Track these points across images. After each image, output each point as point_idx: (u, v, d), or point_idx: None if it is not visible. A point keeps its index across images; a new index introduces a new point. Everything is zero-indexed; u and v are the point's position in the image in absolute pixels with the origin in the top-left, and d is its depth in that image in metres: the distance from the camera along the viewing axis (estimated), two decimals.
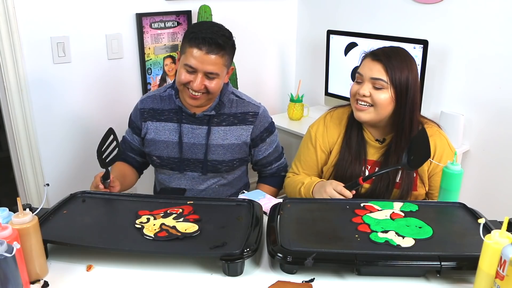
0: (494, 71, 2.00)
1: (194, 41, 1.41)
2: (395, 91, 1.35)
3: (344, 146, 1.48)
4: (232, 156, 1.59)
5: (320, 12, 2.66)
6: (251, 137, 1.59)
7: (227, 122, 1.57)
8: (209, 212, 1.22)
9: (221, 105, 1.56)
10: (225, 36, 1.44)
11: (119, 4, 2.08)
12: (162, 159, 1.60)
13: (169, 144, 1.58)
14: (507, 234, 0.88)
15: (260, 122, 1.60)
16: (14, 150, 2.00)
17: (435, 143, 1.42)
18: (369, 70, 1.37)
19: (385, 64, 1.35)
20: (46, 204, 1.29)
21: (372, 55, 1.39)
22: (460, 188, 1.28)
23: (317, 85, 2.69)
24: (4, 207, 1.04)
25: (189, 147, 1.57)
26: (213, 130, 1.56)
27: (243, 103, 1.59)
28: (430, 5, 2.15)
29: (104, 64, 2.11)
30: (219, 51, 1.42)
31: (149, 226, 1.12)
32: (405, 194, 1.42)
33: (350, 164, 1.45)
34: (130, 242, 1.07)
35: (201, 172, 1.59)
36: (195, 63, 1.42)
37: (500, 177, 2.08)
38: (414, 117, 1.39)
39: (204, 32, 1.41)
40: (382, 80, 1.35)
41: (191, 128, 1.56)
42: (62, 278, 1.01)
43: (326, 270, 1.03)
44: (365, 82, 1.38)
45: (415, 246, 1.04)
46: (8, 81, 1.87)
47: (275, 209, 1.21)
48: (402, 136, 1.40)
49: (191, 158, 1.58)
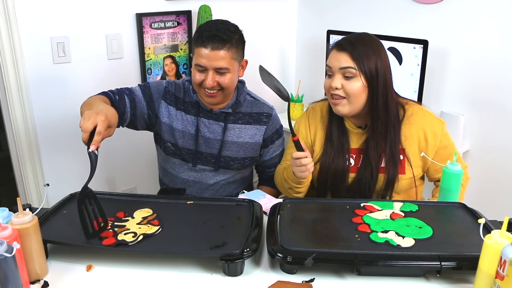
0: (494, 71, 2.00)
1: (199, 40, 1.46)
2: (365, 77, 1.35)
3: (326, 141, 1.48)
4: (244, 154, 1.63)
5: (320, 12, 2.66)
6: (263, 137, 1.64)
7: (243, 120, 1.61)
8: (209, 212, 1.22)
9: (238, 104, 1.60)
10: (229, 31, 1.47)
11: (119, 4, 2.08)
12: (177, 147, 1.61)
13: (185, 134, 1.59)
14: (507, 234, 0.88)
15: (272, 124, 1.65)
16: (14, 150, 2.00)
17: (420, 123, 1.42)
18: (336, 61, 1.38)
19: (350, 52, 1.35)
20: (46, 204, 1.28)
21: (337, 45, 1.40)
22: (460, 188, 1.28)
23: (317, 85, 2.69)
24: (4, 207, 1.05)
25: (204, 140, 1.59)
26: (229, 127, 1.59)
27: (258, 104, 1.64)
28: (430, 5, 2.15)
29: (104, 64, 2.11)
30: (224, 45, 1.45)
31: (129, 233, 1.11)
32: (392, 178, 1.40)
33: (333, 158, 1.45)
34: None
35: (213, 166, 1.62)
36: (203, 61, 1.46)
37: (500, 177, 2.08)
38: (389, 101, 1.38)
39: (208, 31, 1.45)
40: (350, 68, 1.35)
41: (208, 122, 1.59)
42: (62, 278, 1.01)
43: (326, 270, 1.03)
44: (335, 74, 1.38)
45: (415, 246, 1.04)
46: (8, 81, 1.87)
47: (275, 209, 1.21)
48: (378, 121, 1.39)
49: (205, 152, 1.60)
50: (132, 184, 2.34)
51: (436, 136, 1.42)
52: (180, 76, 2.36)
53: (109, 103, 1.44)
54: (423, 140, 1.43)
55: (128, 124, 1.57)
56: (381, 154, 1.41)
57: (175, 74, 2.34)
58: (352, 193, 1.45)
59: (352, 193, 1.45)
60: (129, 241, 1.06)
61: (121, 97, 1.51)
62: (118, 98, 1.50)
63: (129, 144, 2.23)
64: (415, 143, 1.43)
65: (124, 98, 1.52)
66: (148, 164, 2.32)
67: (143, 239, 1.08)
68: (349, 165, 1.45)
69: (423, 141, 1.43)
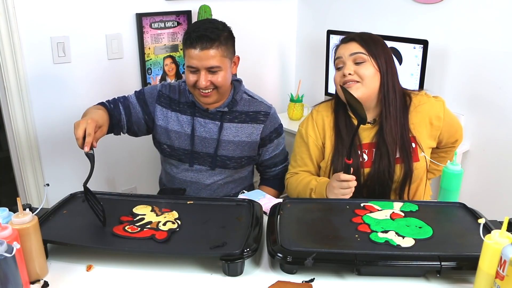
0: (494, 71, 2.00)
1: (188, 42, 1.46)
2: (376, 61, 1.39)
3: (336, 139, 1.49)
4: (241, 153, 1.62)
5: (320, 12, 2.66)
6: (261, 136, 1.63)
7: (239, 119, 1.60)
8: (209, 212, 1.22)
9: (234, 103, 1.59)
10: (217, 29, 1.47)
11: (119, 4, 2.08)
12: (173, 149, 1.62)
13: (181, 135, 1.60)
14: (507, 234, 0.88)
15: (270, 122, 1.64)
16: (14, 150, 2.00)
17: (425, 110, 1.45)
18: (346, 50, 1.42)
19: (358, 41, 1.41)
20: (46, 204, 1.28)
21: (343, 39, 1.46)
22: (460, 188, 1.28)
23: (317, 85, 2.69)
24: (4, 207, 1.05)
25: (200, 140, 1.59)
26: (225, 126, 1.59)
27: (255, 103, 1.63)
28: (430, 5, 2.15)
29: (104, 64, 2.11)
30: (213, 44, 1.45)
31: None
32: (408, 167, 1.42)
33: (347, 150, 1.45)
34: (129, 242, 1.07)
35: (209, 166, 1.62)
36: (194, 62, 1.46)
37: (500, 177, 2.08)
38: (397, 87, 1.43)
39: (196, 31, 1.45)
40: (361, 53, 1.39)
41: (204, 122, 1.59)
42: (62, 278, 1.01)
43: (326, 270, 1.03)
44: (346, 62, 1.41)
45: (415, 246, 1.04)
46: (8, 81, 1.87)
47: (275, 209, 1.21)
48: (390, 107, 1.41)
49: (201, 151, 1.61)
50: (132, 184, 2.34)
51: (439, 118, 1.46)
52: (180, 76, 2.36)
53: (104, 111, 1.50)
54: (428, 124, 1.46)
55: (127, 131, 1.62)
56: (396, 141, 1.42)
57: (175, 74, 2.34)
58: (368, 190, 1.45)
59: (368, 190, 1.45)
60: (176, 228, 1.12)
61: (115, 105, 1.58)
62: (112, 107, 1.57)
63: (129, 144, 2.23)
64: (423, 129, 1.46)
65: (118, 105, 1.58)
66: (148, 164, 2.33)
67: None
68: (363, 161, 1.45)
69: (429, 125, 1.46)
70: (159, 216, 1.18)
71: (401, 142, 1.41)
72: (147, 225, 1.13)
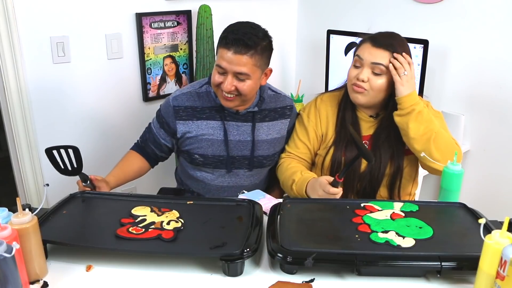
0: (494, 71, 2.00)
1: (224, 41, 1.41)
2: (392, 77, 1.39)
3: (340, 127, 1.51)
4: (274, 150, 1.61)
5: (320, 12, 2.65)
6: (287, 129, 1.63)
7: (269, 117, 1.59)
8: (209, 212, 1.22)
9: (262, 101, 1.57)
10: (256, 36, 1.41)
11: (119, 4, 2.08)
12: (206, 158, 1.55)
13: (214, 142, 1.54)
14: (507, 234, 0.88)
15: (293, 115, 1.65)
16: (13, 150, 1.99)
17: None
18: (370, 55, 1.40)
19: (386, 49, 1.39)
20: (46, 204, 1.28)
21: (372, 40, 1.42)
22: (460, 188, 1.28)
23: (317, 85, 2.68)
24: (4, 207, 1.04)
25: (235, 144, 1.55)
26: (257, 126, 1.57)
27: (280, 98, 1.63)
28: (430, 5, 2.15)
29: (104, 64, 2.10)
30: (248, 51, 1.39)
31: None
32: (401, 160, 1.46)
33: (346, 144, 1.48)
34: (129, 242, 1.07)
35: (247, 168, 1.59)
36: (224, 63, 1.41)
37: (500, 177, 2.08)
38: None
39: (234, 33, 1.40)
40: (383, 66, 1.38)
41: (236, 125, 1.55)
42: (62, 278, 1.01)
43: (326, 270, 1.03)
44: (364, 67, 1.41)
45: (416, 246, 1.04)
46: (8, 81, 1.86)
47: (275, 209, 1.21)
48: (393, 111, 1.43)
49: (237, 155, 1.57)
50: (132, 184, 2.33)
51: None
52: (180, 76, 2.36)
53: (141, 157, 1.64)
54: None
55: (164, 158, 1.69)
56: (392, 140, 1.46)
57: (174, 74, 2.34)
58: (362, 183, 1.48)
59: (362, 183, 1.48)
60: (180, 226, 1.13)
61: (147, 145, 1.63)
62: (146, 149, 1.64)
63: (129, 144, 2.23)
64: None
65: (149, 145, 1.63)
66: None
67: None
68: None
69: None
70: (161, 216, 1.17)
71: (395, 141, 1.46)
72: (151, 226, 1.12)
